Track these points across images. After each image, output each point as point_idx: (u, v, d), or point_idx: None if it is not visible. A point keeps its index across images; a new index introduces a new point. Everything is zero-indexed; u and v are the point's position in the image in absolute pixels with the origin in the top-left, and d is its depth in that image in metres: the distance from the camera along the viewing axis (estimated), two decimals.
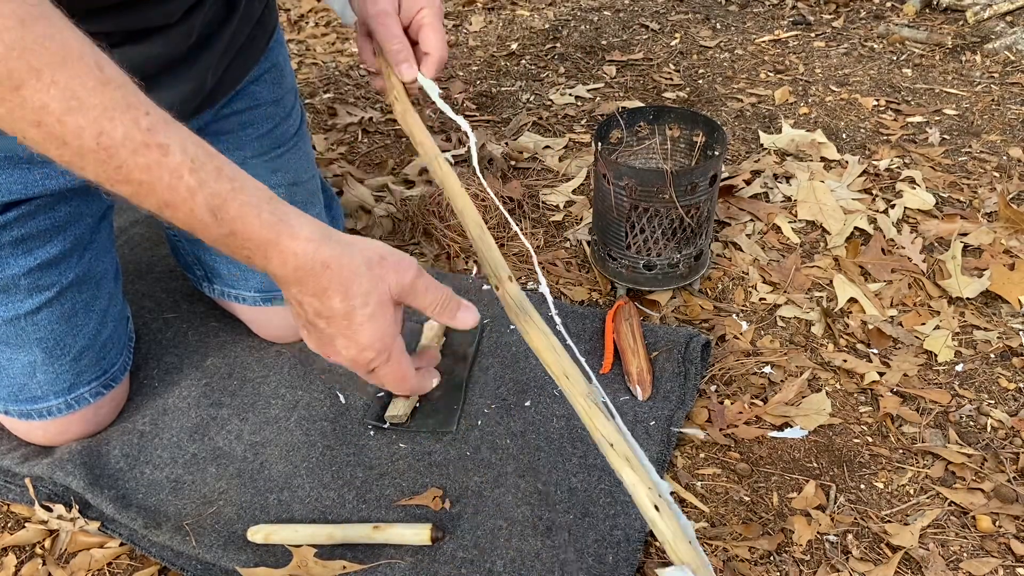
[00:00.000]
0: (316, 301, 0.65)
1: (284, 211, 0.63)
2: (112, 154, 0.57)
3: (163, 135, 0.58)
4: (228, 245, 0.63)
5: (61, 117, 0.56)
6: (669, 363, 1.17)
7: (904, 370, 1.19)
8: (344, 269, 0.64)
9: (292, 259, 0.62)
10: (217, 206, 0.60)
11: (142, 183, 0.59)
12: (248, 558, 0.95)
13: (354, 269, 0.64)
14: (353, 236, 0.67)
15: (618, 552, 0.94)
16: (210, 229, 0.61)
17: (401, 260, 0.67)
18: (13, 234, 0.94)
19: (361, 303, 0.64)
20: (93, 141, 0.57)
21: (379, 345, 0.67)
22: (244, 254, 0.63)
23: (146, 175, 0.58)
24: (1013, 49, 2.03)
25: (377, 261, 0.66)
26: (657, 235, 1.23)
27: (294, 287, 0.65)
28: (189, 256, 1.20)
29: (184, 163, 0.59)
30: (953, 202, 1.52)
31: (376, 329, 0.66)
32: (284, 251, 0.62)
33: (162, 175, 0.58)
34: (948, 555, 0.96)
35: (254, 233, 0.62)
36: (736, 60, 2.07)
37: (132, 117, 0.58)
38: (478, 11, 2.39)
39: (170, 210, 0.60)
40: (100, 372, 1.07)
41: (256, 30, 1.06)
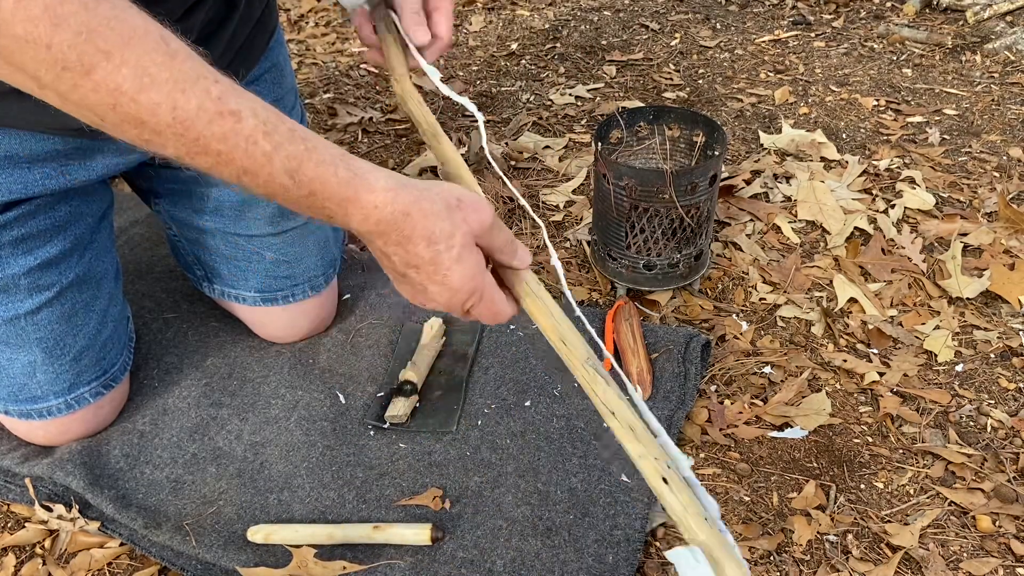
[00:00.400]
0: (402, 250, 0.65)
1: (358, 166, 0.63)
2: (188, 127, 0.57)
3: (234, 102, 0.59)
4: (309, 206, 0.63)
5: (135, 96, 0.56)
6: (669, 363, 1.17)
7: (904, 370, 1.19)
8: (425, 215, 0.63)
9: (373, 212, 0.63)
10: (294, 169, 0.60)
11: (220, 153, 0.59)
12: (248, 558, 0.95)
13: (435, 212, 0.64)
14: (424, 181, 0.67)
15: (618, 552, 0.94)
16: (290, 192, 0.61)
17: (478, 200, 0.68)
18: (13, 234, 0.94)
19: (446, 247, 0.64)
20: (169, 116, 0.57)
21: (470, 285, 0.67)
22: (325, 213, 0.63)
23: (223, 144, 0.58)
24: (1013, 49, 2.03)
25: (456, 204, 0.66)
26: (657, 235, 1.23)
27: (378, 240, 0.65)
28: (189, 256, 1.20)
29: (258, 128, 0.59)
30: (953, 202, 1.52)
31: (465, 270, 0.66)
32: (364, 206, 0.62)
33: (238, 142, 0.58)
34: (948, 555, 0.96)
35: (332, 191, 0.62)
36: (736, 60, 2.07)
37: (203, 88, 0.58)
38: (478, 11, 2.39)
39: (249, 176, 0.60)
40: (100, 372, 1.07)
41: (256, 30, 1.06)
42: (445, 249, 0.64)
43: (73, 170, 0.95)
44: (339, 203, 0.62)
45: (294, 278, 1.17)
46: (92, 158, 0.96)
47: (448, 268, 0.65)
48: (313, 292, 1.20)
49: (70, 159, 0.94)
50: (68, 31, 0.53)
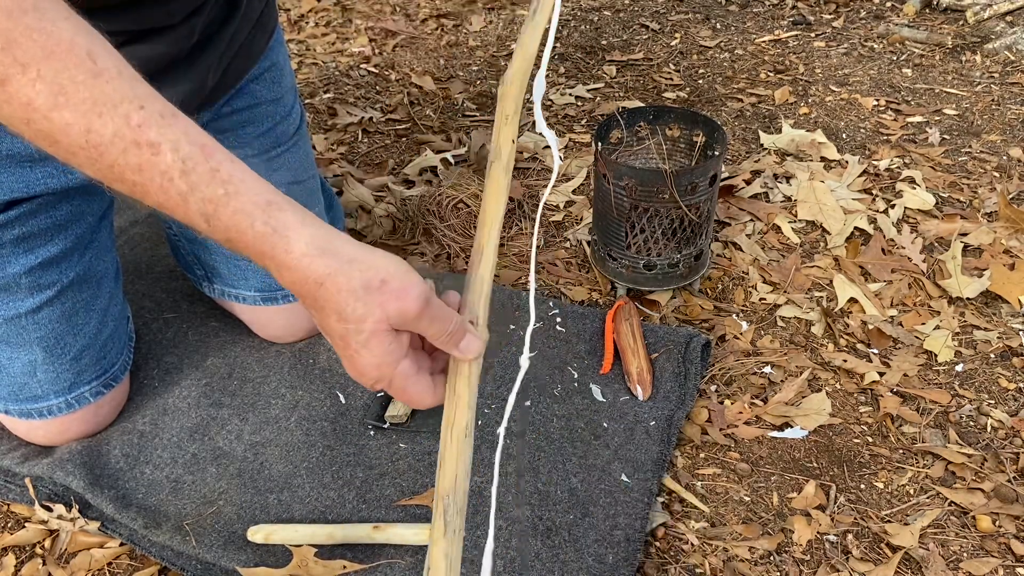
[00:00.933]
0: (318, 316, 0.61)
1: (280, 220, 0.58)
2: (102, 152, 0.55)
3: (155, 132, 0.55)
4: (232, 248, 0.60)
5: (47, 113, 0.53)
6: (669, 363, 1.17)
7: (904, 370, 1.19)
8: (339, 290, 0.59)
9: (287, 273, 0.59)
10: (209, 213, 0.57)
11: (135, 184, 0.56)
12: (248, 558, 0.95)
13: (350, 290, 0.59)
14: (360, 248, 0.61)
15: (618, 552, 0.94)
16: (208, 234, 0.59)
17: (406, 287, 0.60)
18: (14, 232, 0.94)
19: (355, 329, 0.60)
20: (82, 138, 0.54)
21: (375, 373, 0.62)
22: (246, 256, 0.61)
23: (138, 175, 0.56)
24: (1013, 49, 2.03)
25: (377, 286, 0.59)
26: (657, 235, 1.23)
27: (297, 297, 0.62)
28: (189, 256, 1.20)
29: (175, 165, 0.55)
30: (953, 202, 1.52)
31: (372, 358, 0.61)
32: (280, 265, 0.59)
33: (153, 176, 0.55)
34: (948, 555, 0.96)
35: (248, 243, 0.58)
36: (736, 60, 2.07)
37: (123, 113, 0.55)
38: (478, 11, 2.39)
39: (167, 211, 0.58)
40: (100, 371, 1.07)
41: (256, 29, 1.06)
42: (354, 332, 0.60)
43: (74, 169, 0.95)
44: (256, 255, 0.59)
45: None
46: None
47: (355, 351, 0.61)
48: None
49: None
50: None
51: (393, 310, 0.59)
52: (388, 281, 0.59)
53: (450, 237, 1.45)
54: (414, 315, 0.60)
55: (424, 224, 1.48)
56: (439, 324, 0.62)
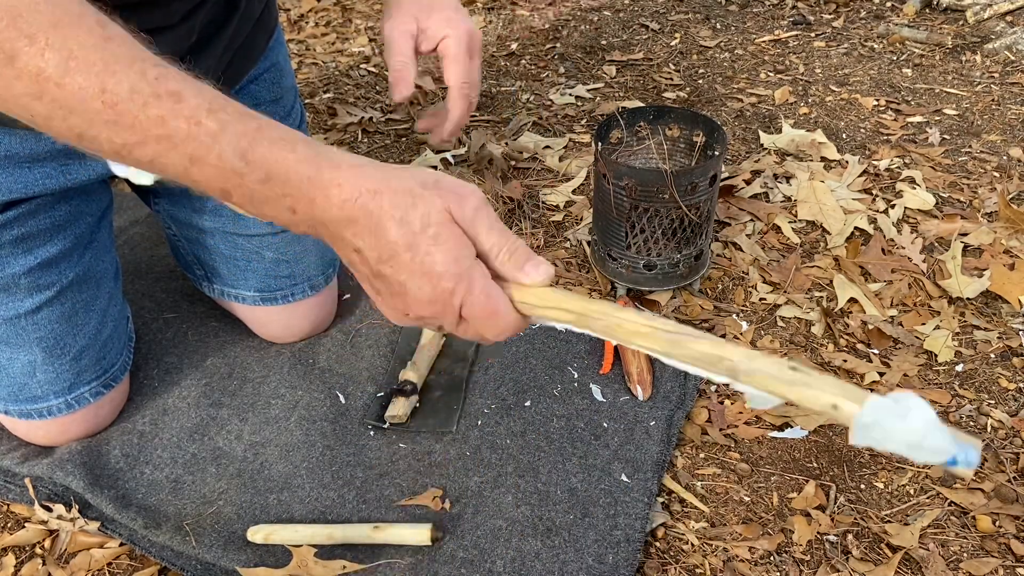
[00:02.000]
0: (373, 239, 0.56)
1: (318, 145, 0.56)
2: (121, 112, 0.52)
3: (174, 82, 0.53)
4: (266, 196, 0.55)
5: (60, 80, 0.51)
6: None
7: (904, 370, 1.19)
8: (395, 192, 0.55)
9: (337, 192, 0.55)
10: (246, 148, 0.54)
11: (160, 139, 0.53)
12: (248, 558, 0.95)
13: (407, 190, 0.55)
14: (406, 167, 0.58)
15: (618, 552, 0.94)
16: (244, 178, 0.54)
17: (461, 186, 0.57)
18: (13, 233, 0.94)
19: (421, 226, 0.55)
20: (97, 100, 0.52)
21: (455, 269, 0.55)
22: (286, 202, 0.56)
23: (162, 128, 0.53)
24: (1013, 49, 2.03)
25: (432, 183, 0.56)
26: (657, 235, 1.23)
27: (347, 230, 0.56)
28: (189, 256, 1.20)
29: (201, 106, 0.53)
30: (953, 202, 1.52)
31: (447, 252, 0.55)
32: (327, 185, 0.55)
33: (179, 124, 0.53)
34: (948, 555, 0.96)
35: (291, 171, 0.54)
36: (736, 60, 2.07)
37: (138, 69, 0.53)
38: (478, 11, 2.39)
39: (198, 166, 0.54)
40: (100, 372, 1.07)
41: (256, 30, 1.06)
42: (421, 229, 0.55)
43: (73, 169, 0.95)
44: (298, 184, 0.55)
45: (294, 277, 1.17)
46: (92, 157, 0.96)
47: (427, 251, 0.55)
48: (313, 292, 1.20)
49: (70, 158, 0.94)
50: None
51: (454, 201, 0.56)
52: (440, 180, 0.57)
53: None
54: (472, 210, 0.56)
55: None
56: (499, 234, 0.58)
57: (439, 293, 0.56)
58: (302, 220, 0.57)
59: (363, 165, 0.56)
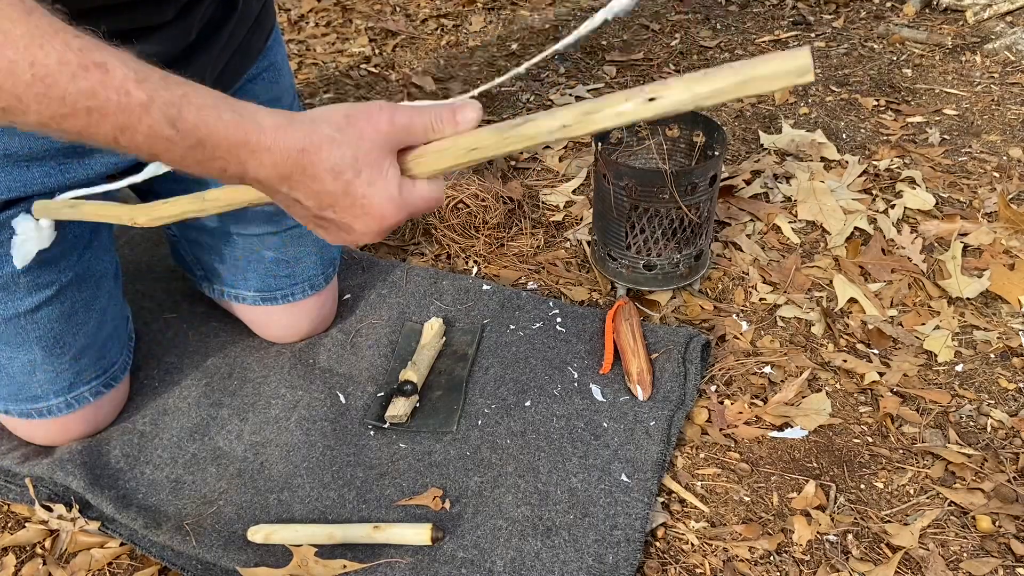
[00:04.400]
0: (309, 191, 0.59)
1: (243, 107, 0.58)
2: (51, 84, 0.53)
3: (98, 53, 0.54)
4: (199, 160, 0.58)
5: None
6: (669, 363, 1.17)
7: (904, 370, 1.19)
8: (319, 146, 0.58)
9: (267, 156, 0.58)
10: (174, 117, 0.55)
11: (91, 110, 0.54)
12: (248, 558, 0.95)
13: (329, 139, 0.58)
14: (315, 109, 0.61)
15: (618, 552, 0.94)
16: (175, 145, 0.56)
17: (368, 108, 0.60)
18: (11, 231, 0.94)
19: (352, 172, 0.58)
20: (27, 73, 0.52)
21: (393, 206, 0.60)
22: (218, 165, 0.58)
23: (92, 100, 0.54)
24: (1013, 49, 2.03)
25: (345, 123, 0.59)
26: (657, 235, 1.23)
27: (283, 186, 0.59)
28: (189, 256, 1.20)
29: (128, 76, 0.54)
30: (953, 202, 1.52)
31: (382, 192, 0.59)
32: (256, 149, 0.57)
33: (109, 95, 0.54)
34: (948, 555, 0.96)
35: (220, 137, 0.56)
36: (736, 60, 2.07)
37: (62, 40, 0.53)
38: (478, 11, 2.39)
39: (127, 135, 0.55)
40: (100, 371, 1.07)
41: (254, 29, 1.06)
42: (353, 176, 0.58)
43: (73, 168, 0.95)
44: (229, 149, 0.57)
45: (294, 277, 1.17)
46: (92, 156, 0.96)
47: (363, 194, 0.59)
48: (313, 291, 1.20)
49: (69, 157, 0.94)
50: None
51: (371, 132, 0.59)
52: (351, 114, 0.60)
53: (450, 237, 1.45)
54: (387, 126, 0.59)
55: (424, 224, 1.47)
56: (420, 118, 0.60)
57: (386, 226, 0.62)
58: (233, 177, 0.60)
59: (285, 125, 0.58)
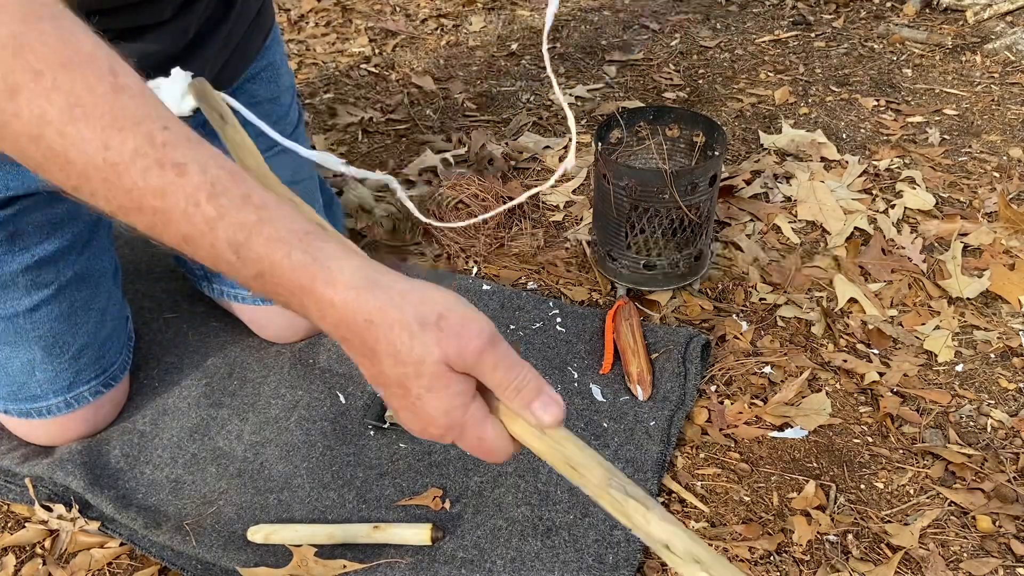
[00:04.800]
0: (367, 363, 0.54)
1: (321, 249, 0.51)
2: (120, 173, 0.49)
3: (181, 152, 0.50)
4: (262, 288, 0.53)
5: (62, 128, 0.48)
6: (669, 363, 1.17)
7: (904, 370, 1.19)
8: (391, 327, 0.51)
9: (331, 311, 0.51)
10: (240, 242, 0.50)
11: (156, 211, 0.50)
12: (248, 558, 0.95)
13: (404, 326, 0.51)
14: (411, 281, 0.53)
15: (618, 552, 0.94)
16: (237, 270, 0.52)
17: (466, 323, 0.52)
18: (10, 230, 0.94)
19: (415, 372, 0.51)
20: (99, 156, 0.48)
21: (444, 421, 0.54)
22: (281, 300, 0.53)
23: (160, 201, 0.50)
24: (1013, 49, 2.03)
25: (434, 320, 0.51)
26: (657, 235, 1.23)
27: (343, 345, 0.54)
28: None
29: (203, 186, 0.50)
30: (953, 202, 1.52)
31: (437, 404, 0.53)
32: (320, 300, 0.51)
33: (177, 201, 0.49)
34: (948, 555, 0.96)
35: (284, 277, 0.51)
36: (736, 60, 2.07)
37: (146, 131, 0.49)
38: (478, 11, 2.39)
39: (191, 246, 0.51)
40: (100, 371, 1.07)
41: (252, 28, 1.06)
42: (414, 375, 0.52)
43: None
44: (292, 291, 0.51)
45: None
46: None
47: (418, 396, 0.53)
48: None
49: None
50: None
51: (452, 349, 0.51)
52: (445, 316, 0.52)
53: (450, 237, 1.45)
54: (475, 355, 0.52)
55: (424, 224, 1.47)
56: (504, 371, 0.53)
57: (427, 433, 0.55)
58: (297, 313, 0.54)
59: (361, 287, 0.51)
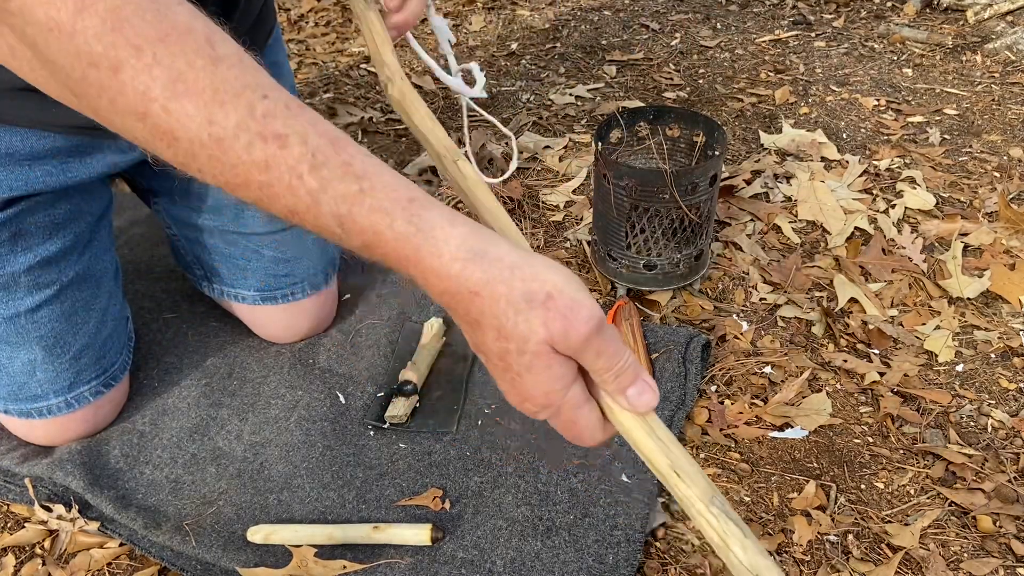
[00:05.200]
0: (470, 330, 0.53)
1: (425, 219, 0.50)
2: (225, 149, 0.48)
3: (281, 123, 0.49)
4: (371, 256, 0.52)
5: (166, 104, 0.47)
6: (669, 363, 1.17)
7: (904, 370, 1.19)
8: (496, 301, 0.50)
9: (436, 281, 0.51)
10: (343, 215, 0.50)
11: (262, 185, 0.49)
12: (248, 558, 0.95)
13: (511, 303, 0.50)
14: (522, 253, 0.52)
15: (618, 552, 0.94)
16: (343, 240, 0.51)
17: (575, 307, 0.50)
18: (13, 230, 0.94)
19: (517, 349, 0.51)
20: (203, 132, 0.48)
21: (542, 400, 0.53)
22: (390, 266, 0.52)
23: (264, 175, 0.49)
24: (1014, 49, 2.03)
25: (542, 299, 0.50)
26: (657, 235, 1.23)
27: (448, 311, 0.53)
28: (189, 256, 1.20)
29: (304, 159, 0.49)
30: (953, 202, 1.52)
31: (537, 383, 0.52)
32: (426, 271, 0.51)
33: (281, 174, 0.49)
34: (948, 555, 0.96)
35: (388, 247, 0.50)
36: (736, 60, 2.07)
37: (247, 102, 0.48)
38: (478, 11, 2.39)
39: (297, 218, 0.51)
40: (100, 371, 1.07)
41: (255, 28, 1.06)
42: (516, 352, 0.51)
43: (74, 168, 0.95)
44: (398, 260, 0.51)
45: (294, 277, 1.17)
46: (93, 156, 0.96)
47: (517, 374, 0.52)
48: (313, 291, 1.20)
49: (71, 157, 0.94)
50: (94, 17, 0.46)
51: (558, 330, 0.50)
52: (554, 296, 0.50)
53: None
54: (581, 340, 0.50)
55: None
56: (607, 359, 0.52)
57: (523, 407, 0.55)
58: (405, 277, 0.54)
59: (468, 258, 0.50)
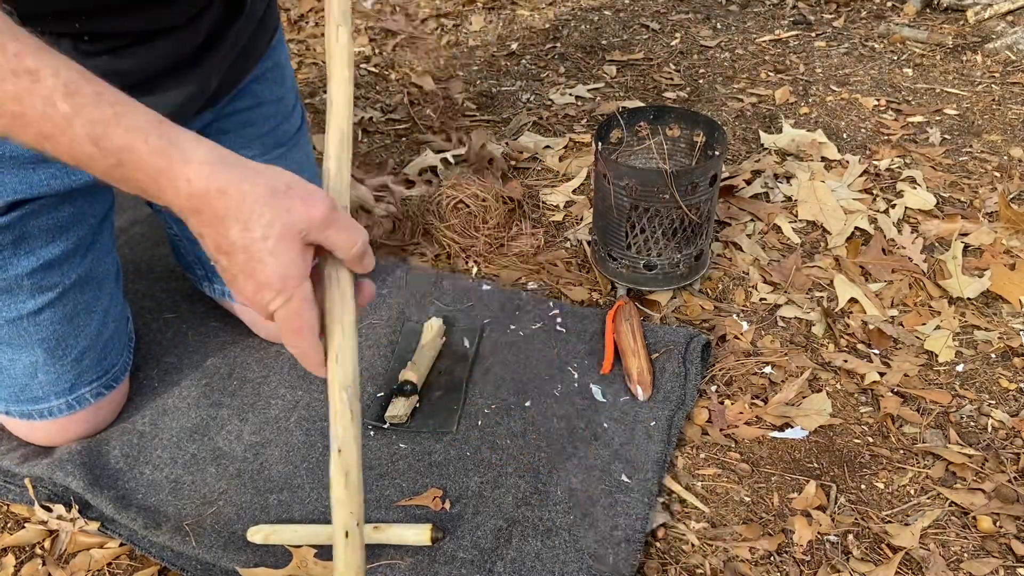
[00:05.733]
0: (214, 232, 0.59)
1: (175, 135, 0.57)
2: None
3: (32, 60, 0.54)
4: (120, 178, 0.58)
5: None
6: (669, 363, 1.17)
7: (904, 370, 1.19)
8: (244, 196, 0.57)
9: (185, 185, 0.57)
10: (99, 135, 0.55)
11: (14, 116, 0.55)
12: (248, 558, 0.95)
13: (256, 196, 0.57)
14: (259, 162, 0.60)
15: (618, 552, 0.94)
16: (96, 161, 0.56)
17: (311, 192, 0.60)
18: (16, 234, 0.94)
19: (261, 235, 0.58)
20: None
21: (278, 284, 0.59)
22: (137, 186, 0.58)
23: (17, 105, 0.54)
24: (1014, 49, 2.03)
25: (283, 190, 0.59)
26: (657, 235, 1.23)
27: (192, 218, 0.59)
28: (189, 256, 1.20)
29: (57, 88, 0.54)
30: (954, 202, 1.52)
31: (278, 266, 0.59)
32: (177, 178, 0.57)
33: (35, 103, 0.54)
34: (949, 555, 0.96)
35: (142, 161, 0.56)
36: (736, 60, 2.07)
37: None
38: (478, 11, 2.39)
39: (50, 143, 0.56)
40: (101, 372, 1.07)
41: (259, 29, 1.06)
42: (261, 238, 0.58)
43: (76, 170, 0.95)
44: (150, 174, 0.57)
45: None
46: None
47: (260, 260, 0.59)
48: None
49: None
50: None
51: (300, 214, 0.58)
52: (293, 187, 0.59)
53: (450, 237, 1.45)
54: (320, 219, 0.59)
55: (424, 224, 1.47)
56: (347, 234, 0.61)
57: (258, 296, 0.61)
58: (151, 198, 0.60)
59: (215, 162, 0.57)
